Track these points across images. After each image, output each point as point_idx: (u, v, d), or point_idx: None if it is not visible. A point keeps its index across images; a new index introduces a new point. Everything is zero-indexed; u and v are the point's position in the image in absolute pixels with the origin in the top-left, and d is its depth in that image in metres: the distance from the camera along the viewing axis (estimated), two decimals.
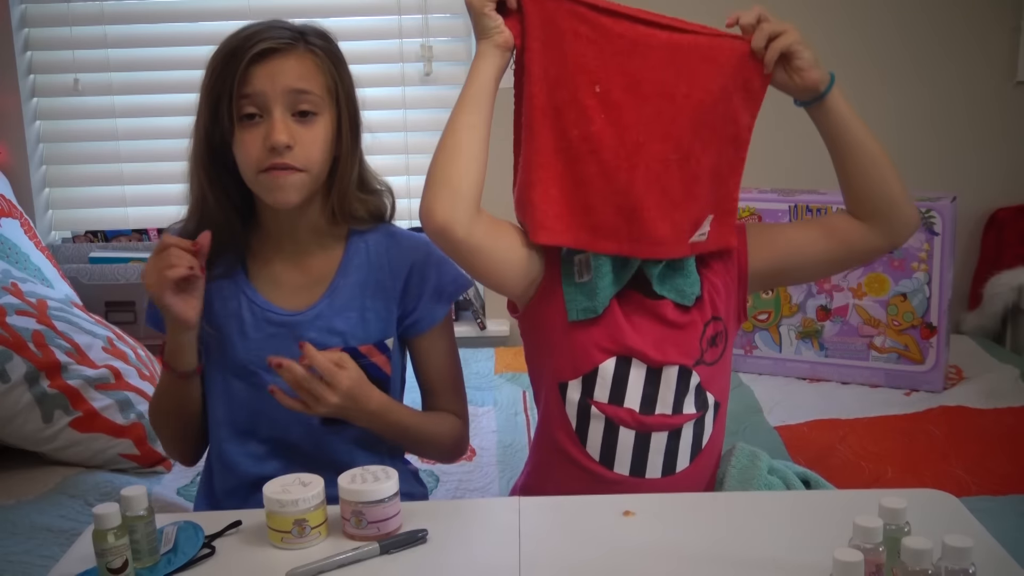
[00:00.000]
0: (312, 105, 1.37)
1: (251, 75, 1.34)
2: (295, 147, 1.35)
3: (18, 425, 1.93)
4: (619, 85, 1.34)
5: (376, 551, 1.18)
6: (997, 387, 2.37)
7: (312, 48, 1.38)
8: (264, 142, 1.34)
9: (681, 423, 1.42)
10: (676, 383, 1.41)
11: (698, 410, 1.43)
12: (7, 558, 1.62)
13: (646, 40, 1.34)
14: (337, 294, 1.45)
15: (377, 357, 1.47)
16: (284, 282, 1.46)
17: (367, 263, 1.47)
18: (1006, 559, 1.14)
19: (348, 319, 1.45)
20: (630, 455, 1.41)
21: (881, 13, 2.83)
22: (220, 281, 1.44)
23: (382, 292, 1.46)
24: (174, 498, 1.89)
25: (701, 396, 1.44)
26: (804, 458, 2.00)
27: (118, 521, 1.11)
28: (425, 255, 1.48)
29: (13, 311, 1.98)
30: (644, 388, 1.41)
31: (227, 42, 1.38)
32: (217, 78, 1.35)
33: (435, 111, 2.99)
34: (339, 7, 2.94)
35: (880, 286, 2.43)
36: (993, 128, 2.88)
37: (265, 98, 1.34)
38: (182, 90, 2.95)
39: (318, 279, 1.46)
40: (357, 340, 1.45)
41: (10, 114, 2.89)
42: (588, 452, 1.42)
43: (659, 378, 1.41)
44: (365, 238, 1.48)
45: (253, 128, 1.35)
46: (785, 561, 1.14)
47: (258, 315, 1.44)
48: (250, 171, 1.37)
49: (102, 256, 2.85)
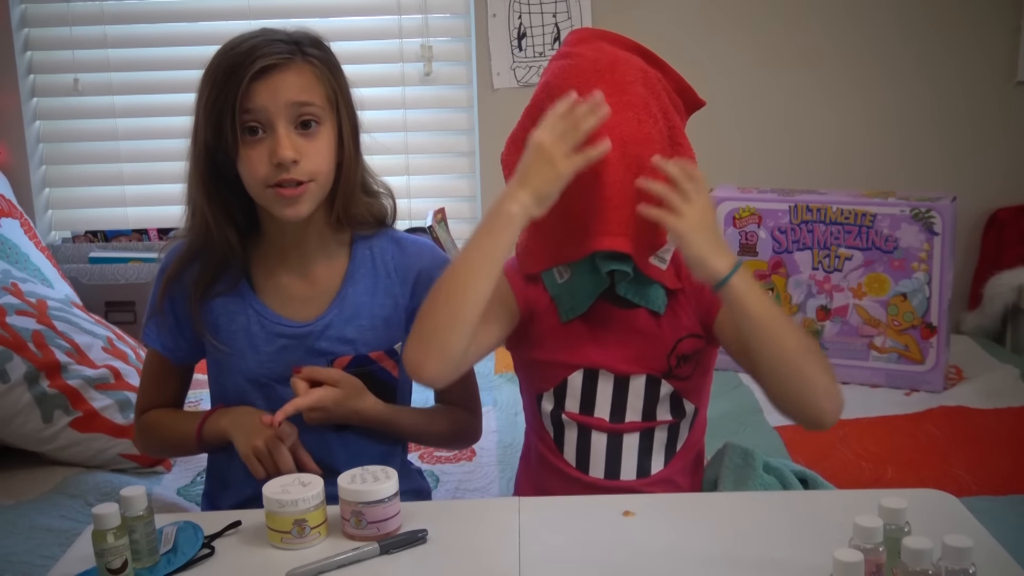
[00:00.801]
0: (314, 116, 1.37)
1: (253, 92, 1.34)
2: (300, 160, 1.35)
3: (18, 425, 1.93)
4: (603, 92, 1.34)
5: (376, 551, 1.18)
6: (997, 387, 2.37)
7: (309, 59, 1.38)
8: (270, 158, 1.34)
9: (654, 427, 1.44)
10: (645, 392, 1.44)
11: (674, 417, 1.45)
12: (7, 558, 1.62)
13: (626, 60, 1.39)
14: (346, 303, 1.45)
15: (387, 362, 1.48)
16: (291, 294, 1.46)
17: (373, 270, 1.47)
18: (1006, 559, 1.14)
19: (358, 327, 1.45)
20: (604, 458, 1.44)
21: (882, 13, 2.83)
22: (224, 297, 1.45)
23: (390, 298, 1.47)
24: (174, 498, 1.89)
25: (677, 404, 1.45)
26: (804, 458, 2.00)
27: (118, 521, 1.11)
28: (431, 259, 1.50)
29: (13, 311, 1.98)
30: (613, 397, 1.44)
31: (224, 57, 1.37)
32: (218, 95, 1.35)
33: (435, 111, 2.99)
34: (339, 7, 2.94)
35: (880, 286, 2.42)
36: (993, 128, 2.88)
37: (268, 114, 1.34)
38: (182, 90, 2.93)
39: (325, 288, 1.46)
40: (368, 347, 1.46)
41: (10, 114, 2.89)
42: (565, 458, 1.46)
43: (627, 387, 1.44)
44: (370, 244, 1.49)
45: (257, 144, 1.35)
46: (785, 561, 1.14)
47: (268, 328, 1.44)
48: (257, 187, 1.37)
49: (102, 256, 2.85)
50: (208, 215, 1.41)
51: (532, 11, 2.83)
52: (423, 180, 3.02)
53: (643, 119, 1.37)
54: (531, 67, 2.84)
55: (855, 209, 2.40)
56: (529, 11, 2.83)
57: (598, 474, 1.44)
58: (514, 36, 2.84)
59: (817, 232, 2.45)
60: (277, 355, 1.44)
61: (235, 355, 1.44)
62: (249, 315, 1.44)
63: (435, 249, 1.53)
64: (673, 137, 1.41)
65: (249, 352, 1.44)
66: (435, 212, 2.85)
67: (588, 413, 1.45)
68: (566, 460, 1.46)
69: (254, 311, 1.44)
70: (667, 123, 1.40)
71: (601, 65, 1.38)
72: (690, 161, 1.39)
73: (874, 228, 2.39)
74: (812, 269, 2.48)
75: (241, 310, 1.45)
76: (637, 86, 1.38)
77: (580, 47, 1.42)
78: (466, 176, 3.03)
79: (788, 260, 2.49)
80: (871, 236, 2.40)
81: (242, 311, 1.44)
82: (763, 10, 2.84)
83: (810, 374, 1.28)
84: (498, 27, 2.84)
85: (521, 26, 2.84)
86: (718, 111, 2.87)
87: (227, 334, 1.44)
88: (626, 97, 1.36)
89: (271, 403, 1.43)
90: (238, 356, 1.44)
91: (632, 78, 1.38)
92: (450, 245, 2.84)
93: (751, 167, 2.89)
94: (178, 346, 1.49)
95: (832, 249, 2.45)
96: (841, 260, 2.44)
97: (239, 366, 1.45)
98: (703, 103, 1.48)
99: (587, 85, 1.35)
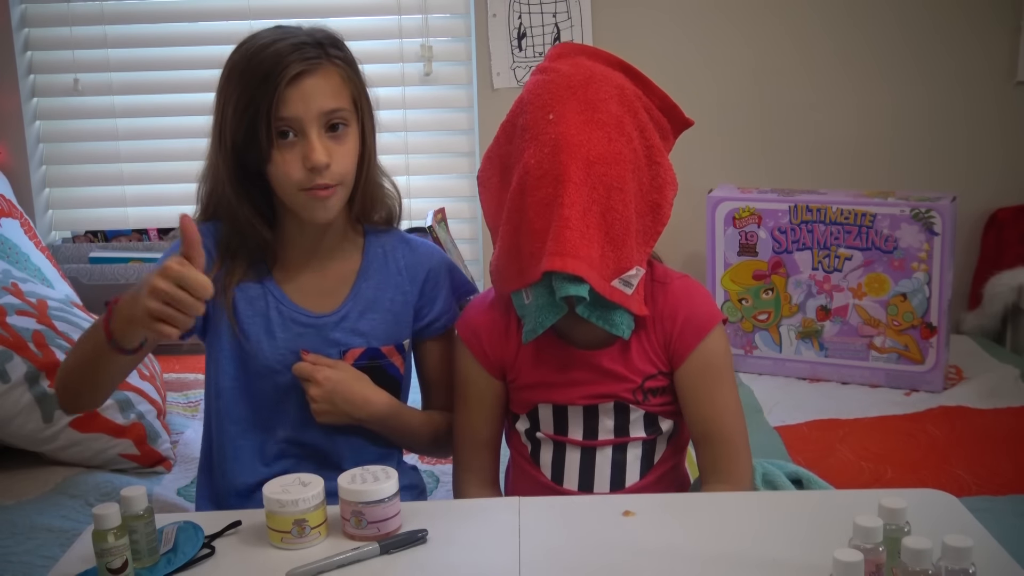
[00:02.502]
0: (343, 119, 1.39)
1: (287, 99, 1.35)
2: (332, 164, 1.37)
3: (18, 425, 1.93)
4: (573, 110, 1.34)
5: (376, 551, 1.18)
6: (997, 387, 2.37)
7: (334, 61, 1.40)
8: (304, 162, 1.36)
9: (627, 443, 1.45)
10: (615, 415, 1.44)
11: (649, 433, 1.46)
12: (7, 558, 1.62)
13: (603, 77, 1.37)
14: (360, 296, 1.49)
15: (395, 357, 1.52)
16: (309, 286, 1.49)
17: (385, 267, 1.51)
18: (1006, 559, 1.14)
19: (371, 321, 1.49)
20: (577, 471, 1.45)
21: (882, 12, 2.83)
22: (246, 283, 1.47)
23: (401, 295, 1.51)
24: (174, 498, 1.89)
25: (652, 422, 1.45)
26: (804, 458, 2.00)
27: (118, 521, 1.11)
28: (439, 262, 1.55)
29: (13, 311, 1.98)
30: (584, 422, 1.45)
31: (253, 61, 1.36)
32: (251, 100, 1.35)
33: (435, 111, 3.00)
34: (339, 7, 2.94)
35: (880, 286, 2.43)
36: (993, 128, 2.88)
37: (300, 122, 1.36)
38: (182, 90, 2.96)
39: (340, 282, 1.50)
40: (379, 341, 1.50)
41: (10, 114, 2.89)
42: (542, 471, 1.48)
43: (596, 412, 1.44)
44: (382, 243, 1.53)
45: (290, 148, 1.37)
46: (785, 561, 1.14)
47: (286, 316, 1.47)
48: (291, 189, 1.39)
49: (102, 256, 2.85)
50: (242, 217, 1.42)
51: (532, 11, 2.83)
52: (423, 180, 3.02)
53: (614, 138, 1.34)
54: (531, 67, 2.83)
55: (855, 209, 2.40)
56: (529, 11, 2.83)
57: (572, 486, 1.45)
58: (514, 36, 2.84)
59: (817, 232, 2.45)
60: (292, 342, 1.47)
61: (250, 340, 1.46)
62: (268, 301, 1.47)
63: (443, 253, 1.58)
64: (651, 156, 1.38)
65: (265, 337, 1.46)
66: (435, 212, 2.85)
67: (562, 434, 1.46)
68: (542, 472, 1.48)
69: (274, 298, 1.47)
70: (644, 142, 1.38)
71: (574, 81, 1.35)
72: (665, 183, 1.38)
73: (874, 228, 2.40)
74: (812, 269, 2.48)
75: (261, 296, 1.47)
76: (611, 104, 1.35)
77: (558, 62, 1.40)
78: (466, 176, 3.03)
79: (788, 260, 2.49)
80: (871, 236, 2.40)
81: (261, 297, 1.47)
82: (762, 10, 2.84)
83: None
84: (498, 27, 2.84)
85: (521, 26, 2.84)
86: (718, 111, 2.88)
87: (246, 317, 1.46)
88: (597, 115, 1.34)
89: (279, 391, 1.47)
90: (252, 341, 1.46)
91: (606, 95, 1.35)
92: (450, 245, 2.84)
93: (751, 167, 2.89)
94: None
95: (832, 249, 2.45)
96: (841, 260, 2.45)
97: (252, 351, 1.46)
98: (691, 123, 1.45)
99: (558, 101, 1.34)
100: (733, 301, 2.56)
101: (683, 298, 1.43)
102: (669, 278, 1.45)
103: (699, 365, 1.41)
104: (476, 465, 1.51)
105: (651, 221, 1.39)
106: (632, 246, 1.35)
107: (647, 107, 1.40)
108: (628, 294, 1.36)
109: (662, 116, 1.42)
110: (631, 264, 1.35)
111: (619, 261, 1.35)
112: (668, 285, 1.44)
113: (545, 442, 1.47)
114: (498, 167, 1.42)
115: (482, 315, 1.48)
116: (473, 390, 1.49)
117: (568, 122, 1.33)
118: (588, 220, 1.32)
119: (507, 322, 1.45)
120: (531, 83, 1.40)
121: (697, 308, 1.43)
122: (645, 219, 1.38)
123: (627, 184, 1.34)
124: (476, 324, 1.48)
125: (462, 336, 1.49)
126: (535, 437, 1.48)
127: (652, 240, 1.39)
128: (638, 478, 1.45)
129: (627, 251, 1.35)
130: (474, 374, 1.48)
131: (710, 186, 2.62)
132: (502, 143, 1.41)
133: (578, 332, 1.42)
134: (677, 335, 1.41)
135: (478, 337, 1.47)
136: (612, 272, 1.35)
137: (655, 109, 1.41)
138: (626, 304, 1.36)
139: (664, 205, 1.39)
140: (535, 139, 1.34)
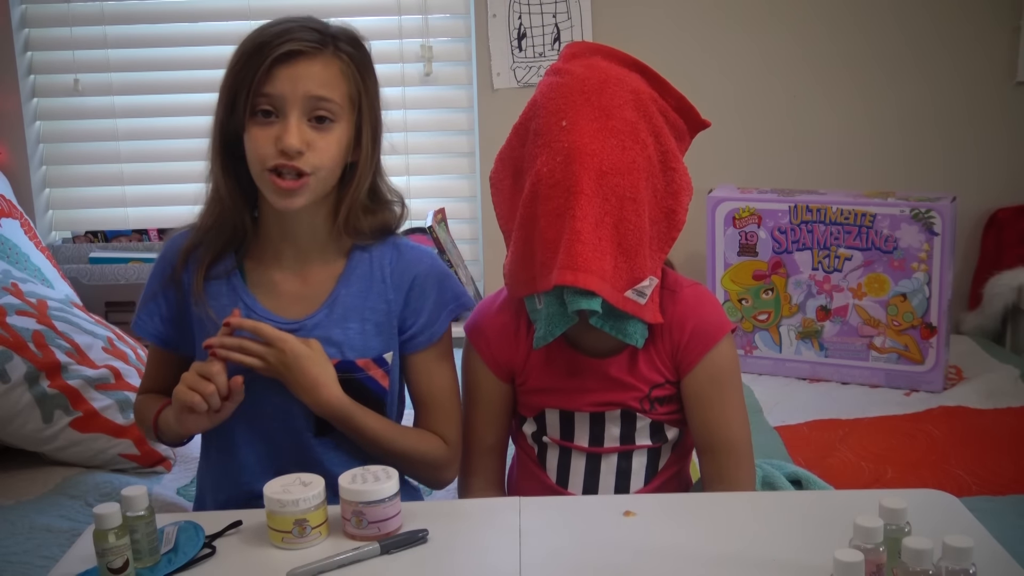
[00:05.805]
0: (330, 113, 1.35)
1: (273, 75, 1.32)
2: (307, 152, 1.33)
3: (18, 425, 1.93)
4: (587, 117, 1.32)
5: (376, 551, 1.18)
6: (997, 387, 2.37)
7: (340, 54, 1.37)
8: (276, 142, 1.32)
9: (632, 450, 1.45)
10: (621, 423, 1.43)
11: (654, 442, 1.45)
12: (7, 558, 1.62)
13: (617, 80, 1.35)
14: (337, 304, 1.42)
15: (374, 371, 1.43)
16: (283, 291, 1.43)
17: (369, 274, 1.44)
18: (1006, 559, 1.14)
19: (347, 331, 1.41)
20: (583, 476, 1.45)
21: (882, 13, 2.83)
22: (216, 283, 1.42)
23: (384, 304, 1.43)
24: (174, 498, 1.89)
25: (658, 430, 1.45)
26: (804, 458, 2.00)
27: (118, 521, 1.11)
28: (428, 269, 1.45)
29: (13, 311, 1.98)
30: (591, 429, 1.44)
31: (256, 35, 1.35)
32: (239, 71, 1.34)
33: (435, 111, 2.99)
34: (339, 7, 2.93)
35: (880, 286, 2.43)
36: (993, 128, 2.88)
37: (283, 101, 1.33)
38: (183, 90, 2.96)
39: (318, 289, 1.43)
40: (355, 353, 1.42)
41: (10, 114, 2.89)
42: (547, 474, 1.48)
43: (603, 419, 1.44)
44: (369, 248, 1.45)
45: (267, 126, 1.34)
46: (785, 561, 1.14)
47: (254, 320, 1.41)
48: (257, 166, 1.35)
49: (102, 256, 2.85)
50: (222, 182, 1.40)
51: (532, 11, 2.83)
52: (423, 180, 3.01)
53: (628, 146, 1.31)
54: (531, 67, 2.84)
55: (855, 209, 2.41)
56: (529, 11, 2.83)
57: (576, 491, 1.45)
58: (514, 36, 2.84)
59: (817, 232, 2.45)
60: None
61: None
62: (238, 306, 1.41)
63: (435, 259, 1.48)
64: (666, 161, 1.36)
65: None
66: (435, 212, 2.85)
67: (568, 439, 1.46)
68: (548, 475, 1.47)
69: (244, 304, 1.41)
70: (659, 147, 1.35)
71: (588, 86, 1.33)
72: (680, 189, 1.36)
73: (874, 228, 2.40)
74: (812, 269, 2.48)
75: (231, 301, 1.42)
76: (626, 109, 1.32)
77: (572, 63, 1.37)
78: (466, 176, 3.03)
79: (788, 260, 2.49)
80: (871, 236, 2.40)
81: (232, 302, 1.41)
82: (763, 9, 2.84)
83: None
84: (498, 27, 2.84)
85: (521, 26, 2.84)
86: (718, 111, 2.86)
87: (214, 324, 1.40)
88: (611, 122, 1.31)
89: (250, 397, 1.36)
90: None
91: (621, 101, 1.33)
92: (450, 246, 2.84)
93: (751, 167, 2.89)
94: (168, 332, 1.46)
95: (832, 249, 2.45)
96: (841, 260, 2.45)
97: None
98: (707, 124, 1.42)
99: (572, 107, 1.32)
100: (733, 301, 2.56)
101: (692, 307, 1.41)
102: (679, 286, 1.43)
103: (706, 375, 1.40)
104: (481, 470, 1.50)
105: (666, 227, 1.37)
106: (646, 255, 1.34)
107: (663, 110, 1.37)
108: (642, 304, 1.34)
109: (678, 118, 1.39)
110: (644, 274, 1.34)
111: (632, 271, 1.33)
112: (678, 293, 1.42)
113: (551, 446, 1.47)
114: (510, 170, 1.40)
115: (491, 318, 1.47)
116: (481, 394, 1.48)
117: (581, 130, 1.30)
118: (601, 232, 1.30)
119: (517, 325, 1.45)
120: (544, 85, 1.37)
121: (706, 318, 1.41)
122: (659, 226, 1.37)
123: (640, 193, 1.33)
124: (485, 327, 1.46)
125: (470, 338, 1.48)
126: (541, 441, 1.48)
127: (667, 247, 1.38)
128: (642, 485, 1.45)
129: (640, 261, 1.33)
130: (482, 377, 1.47)
131: (710, 186, 2.62)
132: (515, 146, 1.39)
133: (588, 339, 1.42)
134: (685, 345, 1.40)
135: (487, 340, 1.46)
136: (625, 283, 1.33)
137: (671, 111, 1.39)
138: (640, 314, 1.35)
139: (679, 211, 1.37)
140: (548, 146, 1.32)
